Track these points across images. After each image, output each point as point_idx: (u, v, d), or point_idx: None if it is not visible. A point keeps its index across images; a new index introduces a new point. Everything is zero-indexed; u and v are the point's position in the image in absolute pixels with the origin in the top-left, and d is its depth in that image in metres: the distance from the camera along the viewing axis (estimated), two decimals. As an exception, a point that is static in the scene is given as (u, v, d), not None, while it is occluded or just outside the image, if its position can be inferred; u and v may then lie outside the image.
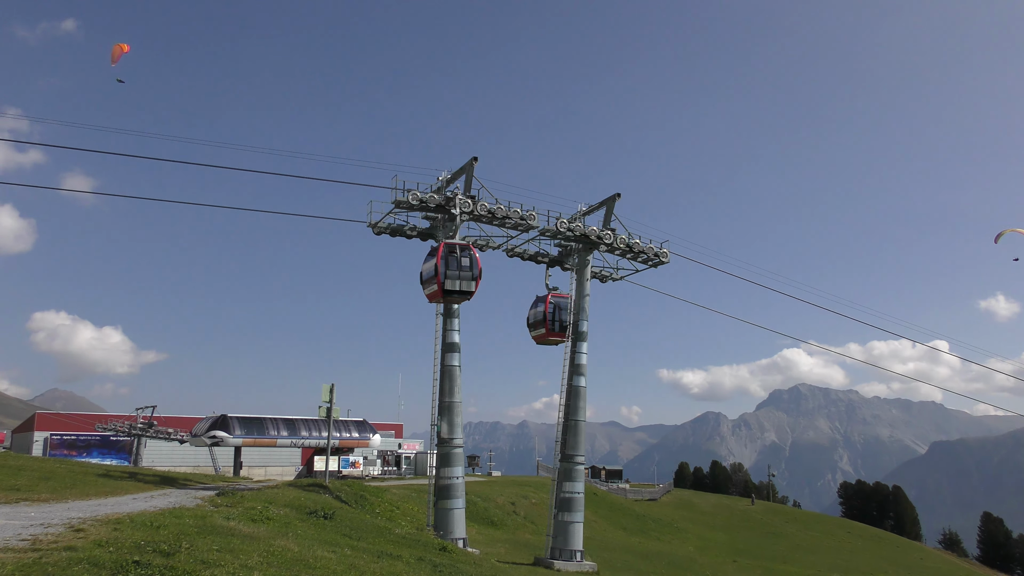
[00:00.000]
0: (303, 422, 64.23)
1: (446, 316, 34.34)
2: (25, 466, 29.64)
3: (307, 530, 20.20)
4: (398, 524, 30.32)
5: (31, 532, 14.00)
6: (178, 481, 34.98)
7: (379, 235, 35.80)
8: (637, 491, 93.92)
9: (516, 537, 50.38)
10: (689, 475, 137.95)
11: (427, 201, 34.18)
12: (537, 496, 65.59)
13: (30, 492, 21.87)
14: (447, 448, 33.60)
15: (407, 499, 44.35)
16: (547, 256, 40.75)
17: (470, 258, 32.14)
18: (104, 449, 74.92)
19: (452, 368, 34.07)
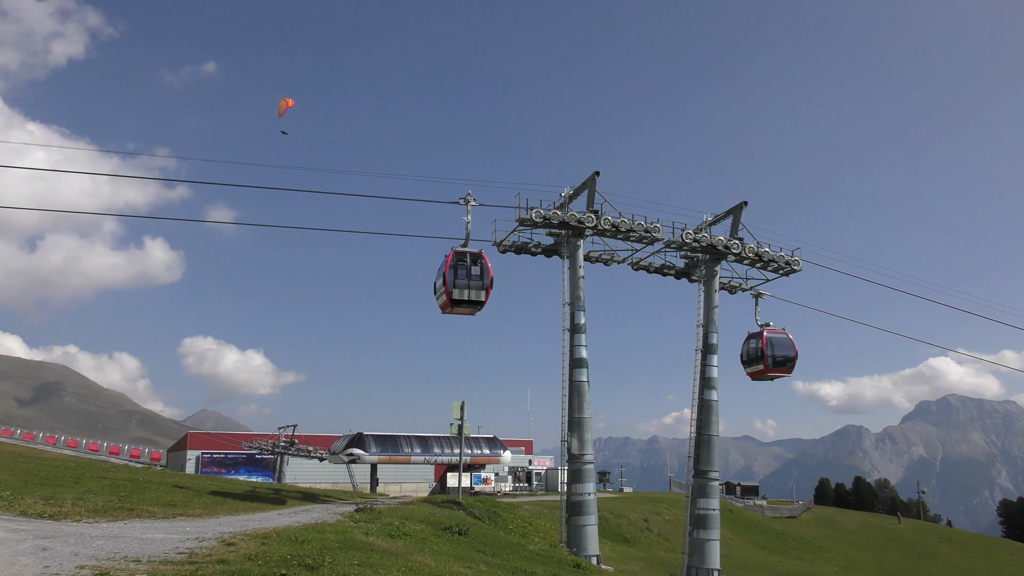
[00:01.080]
0: (435, 439, 65.34)
1: (573, 332, 34.27)
2: (181, 483, 31.44)
3: (443, 546, 20.49)
4: (531, 540, 30.36)
5: (187, 546, 14.79)
6: (319, 497, 36.27)
7: (504, 253, 36.18)
8: (775, 508, 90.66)
9: (650, 555, 49.54)
10: (830, 492, 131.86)
11: (550, 218, 34.31)
12: (670, 513, 64.32)
13: (186, 508, 23.16)
14: (578, 464, 33.44)
15: (539, 515, 44.38)
16: (673, 268, 40.13)
17: (481, 266, 30.90)
18: (250, 467, 78.49)
19: (580, 384, 33.93)
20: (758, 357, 38.88)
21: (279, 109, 30.70)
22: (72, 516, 19.07)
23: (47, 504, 20.33)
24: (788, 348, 38.90)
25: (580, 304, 34.52)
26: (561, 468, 35.14)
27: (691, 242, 37.29)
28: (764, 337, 38.66)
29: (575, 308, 34.50)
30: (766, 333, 38.74)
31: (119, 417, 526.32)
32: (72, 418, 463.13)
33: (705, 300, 38.40)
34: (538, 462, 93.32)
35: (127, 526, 18.09)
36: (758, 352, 38.84)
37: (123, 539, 15.41)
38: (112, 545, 14.37)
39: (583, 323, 34.41)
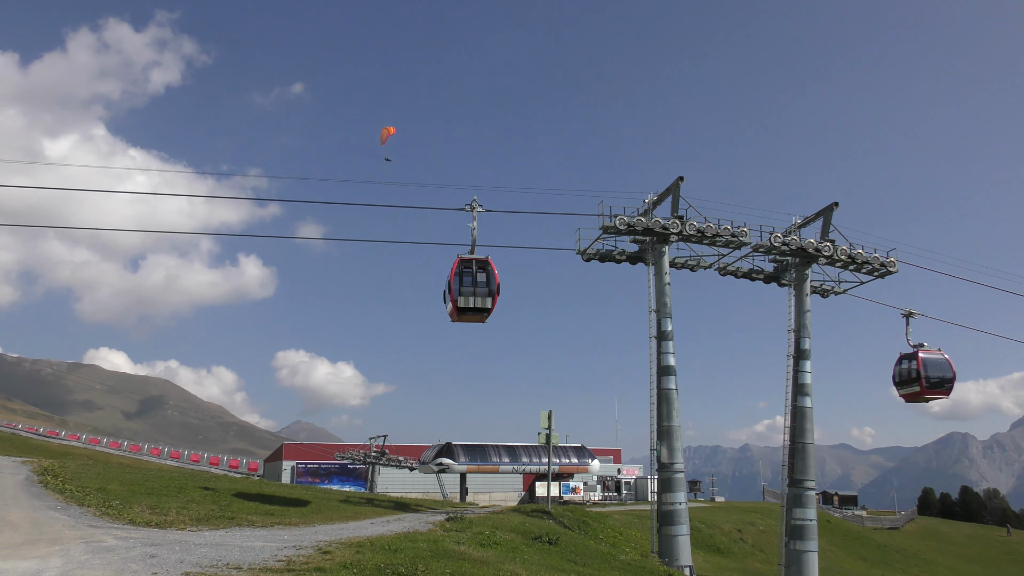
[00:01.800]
0: (523, 448, 65.47)
1: (660, 339, 33.88)
2: (277, 493, 32.28)
3: (533, 555, 20.47)
4: (622, 551, 30.05)
5: (285, 554, 15.17)
6: (410, 506, 36.72)
7: (588, 261, 36.05)
8: (875, 519, 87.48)
9: (745, 566, 48.44)
10: (935, 502, 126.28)
11: (634, 225, 34.05)
12: (764, 523, 62.75)
13: (282, 517, 23.77)
14: (668, 473, 32.97)
15: (629, 525, 43.91)
16: (762, 273, 39.28)
17: (487, 273, 29.64)
18: (343, 476, 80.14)
19: (669, 392, 33.49)
20: (912, 379, 37.61)
21: (381, 137, 31.26)
22: (177, 524, 19.79)
23: (153, 513, 21.17)
24: (945, 369, 37.51)
25: (666, 311, 34.11)
26: (651, 477, 34.71)
27: (780, 245, 36.42)
28: (919, 358, 37.29)
29: (661, 315, 34.11)
30: (921, 354, 37.35)
31: (218, 429, 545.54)
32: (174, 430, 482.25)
33: (796, 304, 37.44)
34: (627, 471, 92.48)
35: (228, 534, 18.67)
36: (913, 374, 37.58)
37: (225, 547, 15.91)
38: (215, 552, 14.85)
39: (670, 330, 33.98)
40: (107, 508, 21.11)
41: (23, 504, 20.58)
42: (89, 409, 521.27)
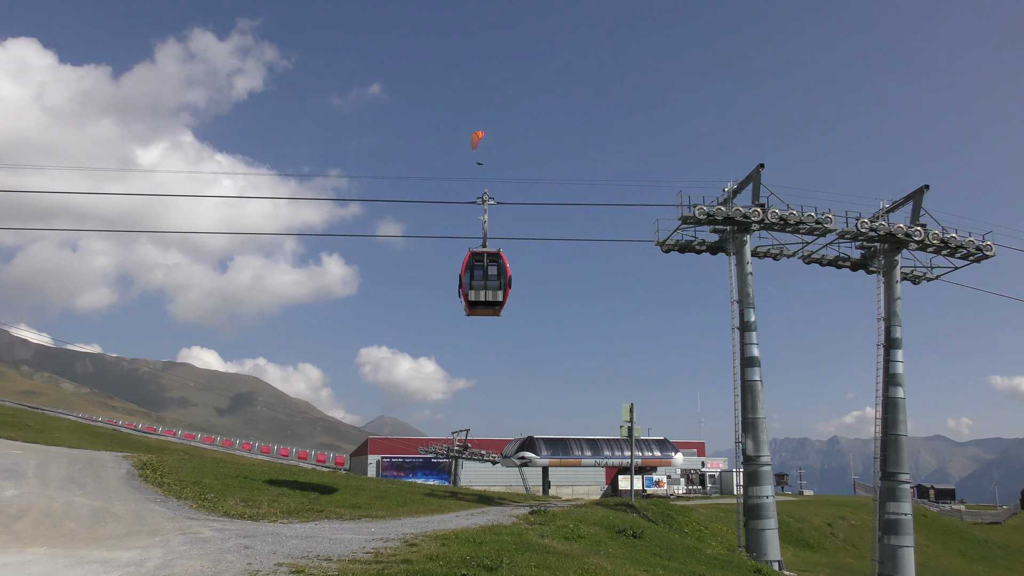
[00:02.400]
0: (605, 442, 65.20)
1: (743, 330, 33.25)
2: (363, 486, 32.94)
3: (618, 549, 20.37)
4: (708, 545, 29.64)
5: (373, 546, 15.45)
6: (493, 500, 36.98)
7: (668, 252, 35.61)
8: (975, 513, 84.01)
9: (836, 561, 47.22)
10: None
11: (714, 214, 33.47)
12: (856, 517, 60.98)
13: (369, 509, 24.24)
14: (754, 466, 32.35)
15: (715, 519, 43.27)
16: (848, 260, 38.11)
17: (498, 266, 28.97)
18: (427, 470, 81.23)
19: (753, 383, 32.84)
20: None
21: (472, 142, 31.47)
22: (268, 517, 20.38)
23: (246, 506, 21.85)
24: None
25: (749, 301, 33.45)
26: (736, 470, 34.13)
27: (867, 231, 35.26)
28: None
29: (744, 305, 33.47)
30: None
31: (305, 424, 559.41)
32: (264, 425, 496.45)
33: (886, 292, 36.22)
34: (711, 464, 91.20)
35: (318, 527, 19.13)
36: None
37: (315, 539, 16.30)
38: (305, 544, 15.23)
39: (753, 320, 33.30)
40: (203, 501, 21.87)
41: (125, 497, 21.49)
42: (184, 406, 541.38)
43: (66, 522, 16.85)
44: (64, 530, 16.05)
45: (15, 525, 15.98)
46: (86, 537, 15.45)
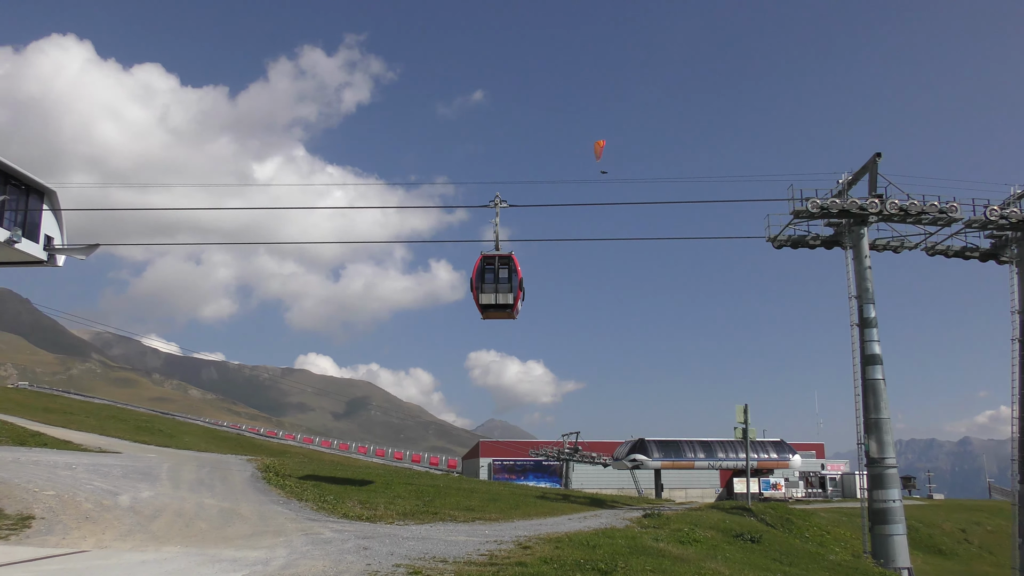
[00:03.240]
0: (719, 443, 63.85)
1: (863, 326, 31.91)
2: (476, 489, 33.25)
3: (735, 553, 19.87)
4: (831, 550, 28.59)
5: (487, 548, 15.57)
6: (605, 503, 36.72)
7: (779, 248, 34.52)
8: None
9: (971, 569, 44.76)
10: None
11: (828, 207, 32.25)
12: (993, 523, 57.57)
13: (482, 512, 24.45)
14: (879, 468, 30.95)
15: (837, 523, 41.68)
16: (977, 250, 36.00)
17: (509, 269, 28.64)
18: (538, 473, 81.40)
19: (875, 382, 31.46)
20: None
21: (596, 151, 31.55)
22: (385, 519, 20.85)
23: (364, 508, 22.42)
24: None
25: (868, 296, 32.08)
26: (859, 473, 32.74)
27: (997, 219, 33.22)
28: None
29: (863, 301, 32.11)
30: None
31: (418, 428, 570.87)
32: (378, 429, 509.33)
33: (1020, 283, 34.04)
34: (831, 466, 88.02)
35: (433, 528, 19.43)
36: None
37: (430, 540, 16.56)
38: (421, 546, 15.49)
39: (873, 317, 31.91)
40: (322, 503, 22.56)
41: (251, 498, 22.38)
42: (302, 411, 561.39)
43: (197, 522, 17.68)
44: (196, 530, 16.84)
45: (152, 524, 16.87)
46: (216, 537, 16.17)
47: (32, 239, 36.00)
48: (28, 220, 36.02)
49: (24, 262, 37.45)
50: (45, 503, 17.33)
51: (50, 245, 37.05)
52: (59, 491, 18.69)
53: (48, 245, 36.98)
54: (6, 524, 15.61)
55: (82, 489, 19.59)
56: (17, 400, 72.16)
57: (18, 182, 35.41)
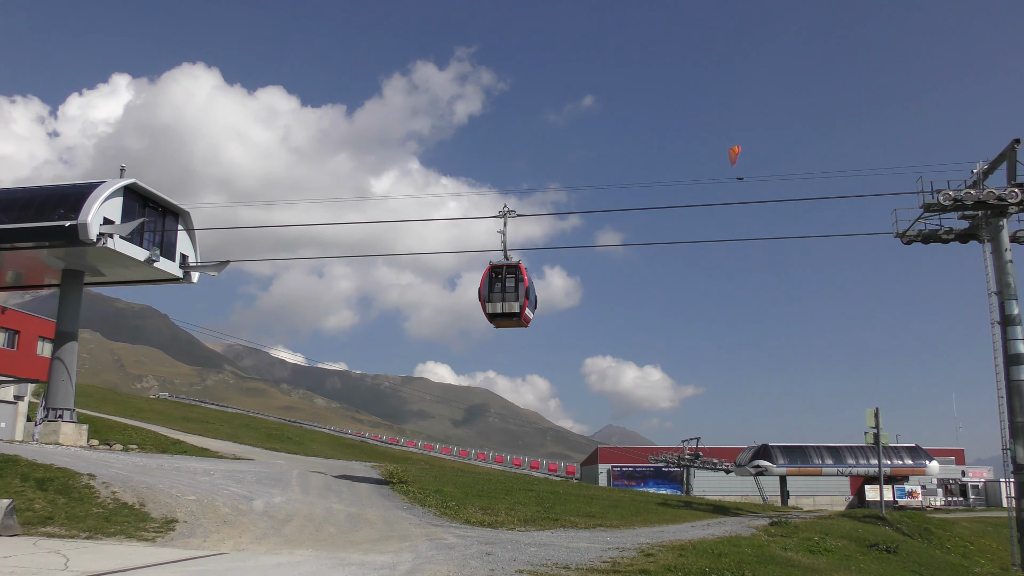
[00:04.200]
0: (848, 449, 61.39)
1: (1005, 324, 29.96)
2: (596, 495, 33.08)
3: (870, 564, 19.01)
4: (975, 562, 26.98)
5: (609, 555, 15.43)
6: (729, 510, 35.84)
7: (909, 244, 32.88)
8: None
9: None
10: None
11: (962, 199, 30.48)
12: None
13: (603, 519, 24.28)
14: (1025, 476, 28.99)
15: (981, 534, 39.25)
16: None
17: (516, 277, 29.42)
18: (658, 479, 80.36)
19: (1020, 383, 29.47)
20: None
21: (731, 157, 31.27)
22: (506, 525, 20.99)
23: (485, 513, 22.64)
24: None
25: (1011, 292, 30.10)
26: (1004, 480, 30.76)
27: None
28: None
29: (1004, 297, 30.16)
30: None
31: (535, 434, 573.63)
32: (496, 436, 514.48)
33: None
34: (973, 473, 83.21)
35: (554, 535, 19.42)
36: None
37: (552, 547, 16.55)
38: (543, 552, 15.50)
39: (1016, 313, 29.91)
40: (445, 508, 22.93)
41: (376, 504, 22.98)
42: (422, 418, 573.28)
43: (326, 526, 18.28)
44: (325, 534, 17.41)
45: (284, 528, 17.55)
46: (344, 541, 16.66)
47: (169, 258, 38.28)
48: (165, 240, 38.30)
49: (162, 280, 39.93)
50: (187, 507, 18.30)
51: (185, 263, 39.31)
52: (199, 496, 19.69)
53: (184, 263, 39.25)
54: (152, 527, 16.57)
55: (220, 494, 20.57)
56: (159, 410, 76.70)
57: (155, 205, 37.75)
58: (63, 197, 34.23)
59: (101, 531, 16.04)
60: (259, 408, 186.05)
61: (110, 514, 17.19)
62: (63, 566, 12.07)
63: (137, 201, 36.18)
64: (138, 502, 18.18)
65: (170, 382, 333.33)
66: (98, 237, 32.93)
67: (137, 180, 35.88)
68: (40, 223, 33.54)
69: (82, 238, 32.65)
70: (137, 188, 36.03)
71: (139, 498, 18.47)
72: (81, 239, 32.70)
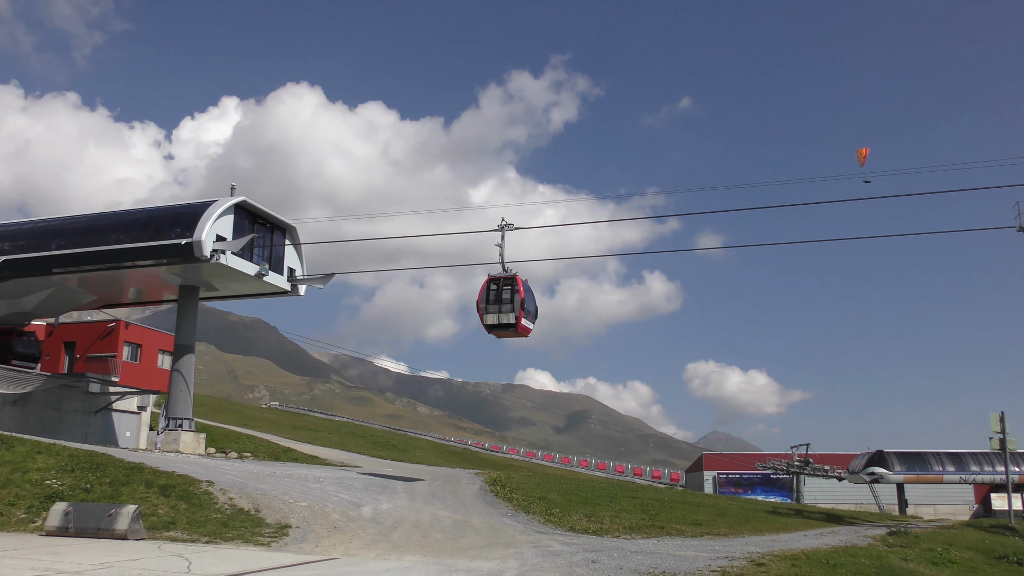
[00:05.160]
0: (971, 455, 58.32)
1: None
2: (702, 503, 32.41)
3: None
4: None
5: (719, 564, 15.08)
6: (843, 519, 34.56)
7: (1033, 236, 31.11)
8: None
9: None
10: None
11: (1091, 187, 28.67)
12: None
13: (710, 527, 23.77)
14: None
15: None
16: None
17: (511, 289, 29.78)
18: (766, 487, 78.20)
19: None
20: None
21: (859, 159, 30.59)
22: (611, 532, 20.79)
23: (589, 521, 22.49)
24: None
25: None
26: None
27: None
28: None
29: None
30: None
31: (637, 441, 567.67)
32: (598, 443, 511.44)
33: None
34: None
35: (660, 543, 19.12)
36: None
37: (658, 555, 16.29)
38: (650, 560, 15.27)
39: None
40: (549, 516, 22.89)
41: (481, 511, 23.14)
42: (524, 425, 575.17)
43: (433, 533, 18.51)
44: (432, 540, 17.63)
45: (392, 534, 17.86)
46: (450, 547, 16.83)
47: (277, 271, 39.67)
48: (273, 255, 39.72)
49: (272, 293, 41.43)
50: (299, 513, 18.85)
51: (293, 276, 40.64)
52: (310, 502, 20.26)
53: (291, 276, 40.59)
54: (267, 532, 17.14)
55: (330, 500, 21.12)
56: (270, 419, 79.45)
57: (264, 221, 39.20)
58: (178, 216, 35.95)
59: (220, 536, 16.71)
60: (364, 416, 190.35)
61: (228, 519, 17.88)
62: (186, 569, 12.61)
63: (247, 218, 37.67)
64: (253, 508, 18.85)
65: (280, 392, 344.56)
66: (212, 253, 34.43)
67: (246, 198, 37.36)
68: (158, 242, 35.32)
69: (197, 255, 34.21)
70: (247, 205, 37.52)
71: (254, 504, 19.15)
72: (196, 256, 34.27)
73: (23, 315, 43.52)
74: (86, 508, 17.29)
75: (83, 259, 36.73)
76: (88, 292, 41.84)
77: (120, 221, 37.80)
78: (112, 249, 36.20)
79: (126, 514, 16.63)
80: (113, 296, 44.11)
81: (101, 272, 37.41)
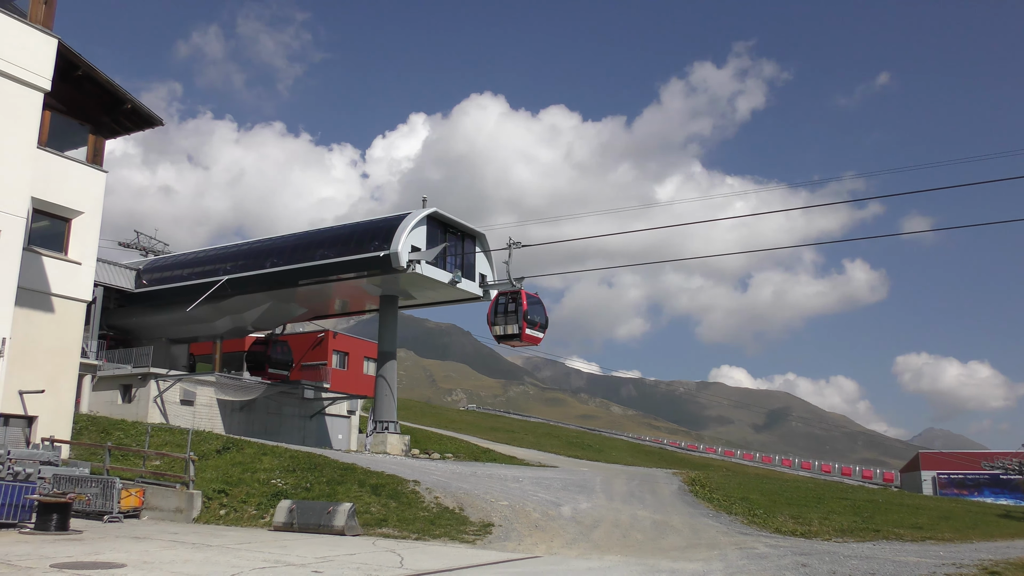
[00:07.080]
0: None
1: None
2: (922, 505, 30.19)
3: None
4: None
5: (944, 571, 14.01)
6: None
7: None
8: None
9: None
10: None
11: None
12: None
13: (932, 531, 22.08)
14: None
15: None
16: None
17: (516, 303, 33.62)
18: (995, 488, 71.74)
19: None
20: None
21: None
22: (820, 535, 19.80)
23: (796, 523, 21.53)
24: None
25: None
26: None
27: None
28: None
29: None
30: None
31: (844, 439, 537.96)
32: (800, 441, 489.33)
33: None
34: None
35: (876, 547, 18.00)
36: None
37: (875, 560, 15.34)
38: (866, 565, 14.41)
39: None
40: (752, 517, 22.14)
41: (680, 511, 22.75)
42: (721, 423, 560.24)
43: (633, 533, 18.41)
44: (632, 540, 17.54)
45: (592, 534, 17.95)
46: (651, 548, 16.67)
47: (469, 278, 41.03)
48: (465, 262, 41.11)
49: (465, 299, 42.94)
50: (501, 512, 19.35)
51: (484, 282, 41.88)
52: (511, 501, 20.74)
53: (482, 282, 41.84)
54: (471, 530, 17.73)
55: (529, 500, 21.52)
56: (468, 421, 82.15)
57: (455, 230, 40.67)
58: (376, 230, 38.04)
59: (428, 533, 17.49)
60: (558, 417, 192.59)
61: (434, 517, 18.67)
62: (399, 563, 13.28)
63: (439, 228, 39.23)
64: (457, 507, 19.56)
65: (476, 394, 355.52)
66: (408, 264, 36.16)
67: (438, 209, 38.91)
68: (359, 255, 37.56)
69: (394, 266, 36.05)
70: (438, 216, 39.07)
71: (458, 503, 19.86)
72: (394, 267, 36.13)
73: (244, 329, 47.60)
74: (307, 505, 18.65)
75: (294, 275, 39.77)
76: (300, 305, 45.13)
77: (324, 238, 40.57)
78: (318, 264, 38.93)
79: (343, 511, 17.80)
80: (321, 308, 47.32)
81: (310, 286, 40.30)
